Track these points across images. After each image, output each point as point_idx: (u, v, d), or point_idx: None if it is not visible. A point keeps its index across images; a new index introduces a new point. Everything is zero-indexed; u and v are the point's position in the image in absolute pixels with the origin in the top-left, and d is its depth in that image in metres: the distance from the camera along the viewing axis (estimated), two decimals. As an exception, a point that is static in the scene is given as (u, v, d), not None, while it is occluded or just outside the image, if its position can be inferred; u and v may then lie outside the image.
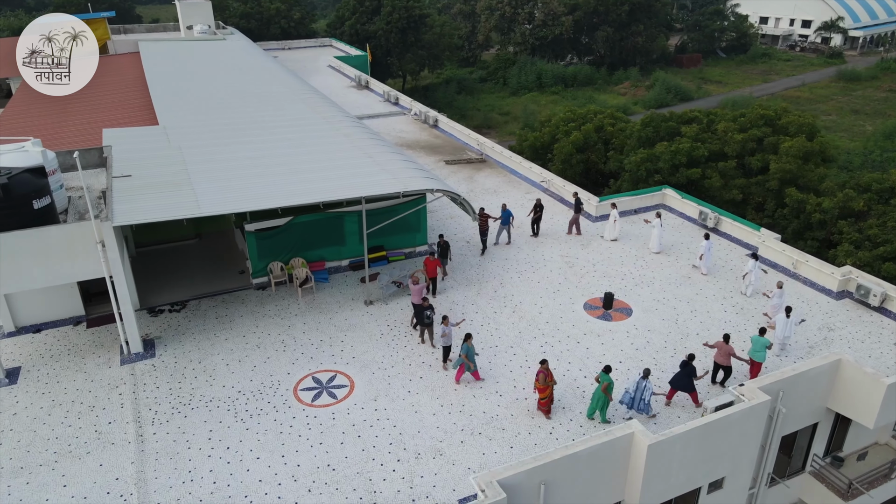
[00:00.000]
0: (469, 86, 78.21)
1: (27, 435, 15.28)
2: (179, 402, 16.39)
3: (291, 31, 64.77)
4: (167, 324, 19.65)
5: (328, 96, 44.44)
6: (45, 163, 17.86)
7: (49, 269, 16.51)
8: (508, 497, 13.03)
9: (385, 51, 64.81)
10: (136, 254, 24.03)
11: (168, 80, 33.18)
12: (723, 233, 25.33)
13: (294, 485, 14.03)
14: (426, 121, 39.60)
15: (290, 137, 24.33)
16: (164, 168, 20.56)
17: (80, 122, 28.54)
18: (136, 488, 13.85)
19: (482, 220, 23.18)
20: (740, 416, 15.10)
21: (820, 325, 19.75)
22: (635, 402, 16.21)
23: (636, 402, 16.19)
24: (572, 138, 34.73)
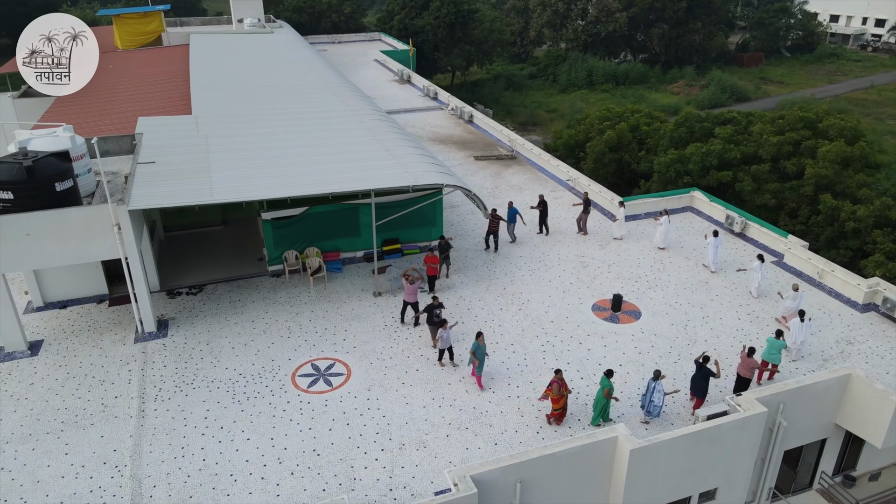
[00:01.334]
0: (518, 82, 77.73)
1: (39, 404, 16.20)
2: (183, 381, 17.05)
3: (342, 26, 65.77)
4: (183, 306, 20.42)
5: (370, 90, 45.19)
6: (73, 148, 18.76)
7: (69, 249, 17.43)
8: (483, 493, 13.12)
9: (433, 46, 65.05)
10: (165, 237, 25.06)
11: (209, 71, 34.29)
12: (749, 238, 24.54)
13: (278, 467, 14.44)
14: (461, 116, 39.66)
15: (314, 129, 24.83)
16: (188, 156, 21.32)
17: (124, 111, 29.73)
18: (131, 460, 14.53)
19: (493, 221, 23.06)
20: (733, 427, 14.70)
21: (839, 338, 18.94)
22: (645, 403, 15.96)
23: (646, 403, 15.95)
24: (605, 137, 34.15)
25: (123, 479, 14.03)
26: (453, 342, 17.78)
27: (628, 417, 15.95)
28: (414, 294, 18.99)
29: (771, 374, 17.35)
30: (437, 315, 18.07)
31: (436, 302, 18.24)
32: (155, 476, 14.15)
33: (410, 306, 19.23)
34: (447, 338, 17.33)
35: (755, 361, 16.65)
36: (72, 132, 19.39)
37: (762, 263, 20.70)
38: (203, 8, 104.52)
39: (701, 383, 16.20)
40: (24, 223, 16.70)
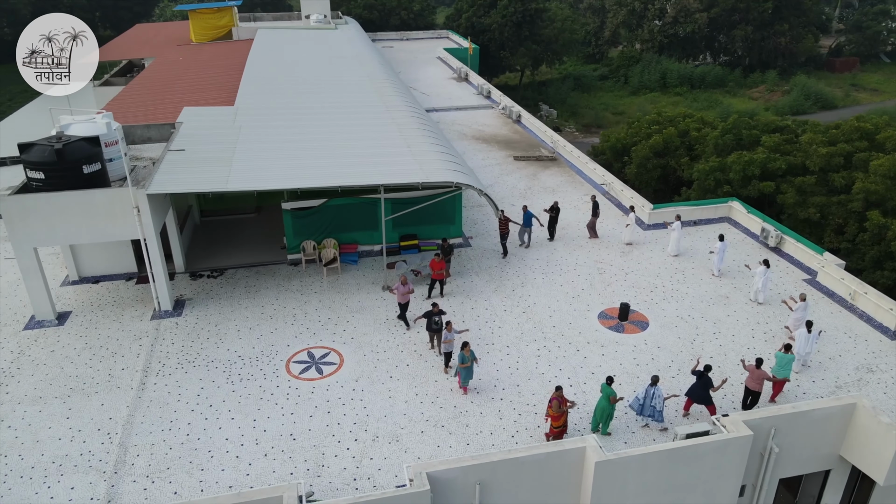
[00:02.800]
0: (587, 83, 76.28)
1: (55, 370, 17.47)
2: (186, 358, 17.94)
3: (411, 23, 66.55)
4: (202, 287, 21.44)
5: (427, 87, 45.71)
6: (107, 134, 19.98)
7: (93, 228, 18.67)
8: (440, 492, 13.19)
9: (499, 45, 64.80)
10: (201, 222, 26.32)
11: (263, 64, 35.62)
12: (784, 253, 23.28)
13: (254, 448, 14.99)
14: (510, 116, 39.43)
15: (344, 123, 25.41)
16: (216, 145, 22.31)
17: (181, 100, 31.31)
18: (122, 429, 15.45)
19: (502, 224, 22.84)
20: (713, 449, 14.09)
21: (860, 365, 17.73)
22: (644, 408, 15.60)
23: (645, 409, 15.59)
24: (651, 141, 33.08)
25: (112, 446, 14.95)
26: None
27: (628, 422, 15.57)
28: (406, 296, 18.84)
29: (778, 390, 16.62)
30: (437, 322, 17.77)
31: (435, 309, 17.97)
32: (140, 445, 15.00)
33: (400, 307, 19.14)
34: (452, 341, 17.03)
35: (765, 373, 15.94)
36: (110, 119, 20.69)
37: (767, 269, 19.84)
38: (289, 4, 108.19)
39: (700, 392, 15.75)
40: (52, 202, 18.04)
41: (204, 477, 14.21)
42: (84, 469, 14.35)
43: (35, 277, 18.91)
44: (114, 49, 49.41)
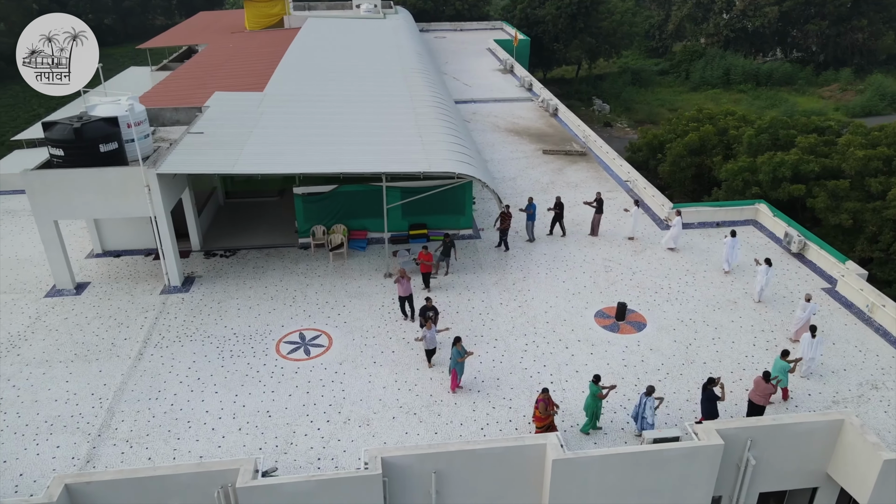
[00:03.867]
0: (646, 77, 74.20)
1: (64, 336, 18.55)
2: (184, 332, 18.70)
3: (465, 13, 66.35)
4: (213, 266, 22.24)
5: (470, 78, 45.64)
6: (131, 115, 20.91)
7: (107, 204, 19.66)
8: (395, 478, 13.42)
9: (552, 37, 63.78)
10: (225, 204, 27.24)
11: (303, 52, 36.38)
12: (807, 261, 22.19)
13: (231, 422, 15.53)
14: (548, 109, 38.90)
15: (364, 111, 25.73)
16: (235, 129, 23.00)
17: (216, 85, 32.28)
18: (113, 395, 16.29)
19: (505, 218, 22.55)
20: (680, 455, 13.70)
21: (864, 381, 16.78)
22: (638, 418, 15.30)
23: (638, 418, 15.28)
24: (687, 139, 31.94)
25: (100, 411, 15.79)
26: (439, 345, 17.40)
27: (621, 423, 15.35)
28: (407, 289, 18.85)
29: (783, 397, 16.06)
30: (429, 318, 17.50)
31: (429, 304, 17.89)
32: (126, 412, 15.79)
33: (406, 300, 19.15)
34: (431, 338, 16.92)
35: (772, 387, 15.31)
36: (134, 101, 21.66)
37: (769, 268, 19.19)
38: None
39: (706, 405, 15.28)
40: (70, 178, 19.10)
41: (178, 446, 14.84)
42: (72, 430, 15.23)
43: (55, 248, 20.09)
44: (174, 35, 51.55)
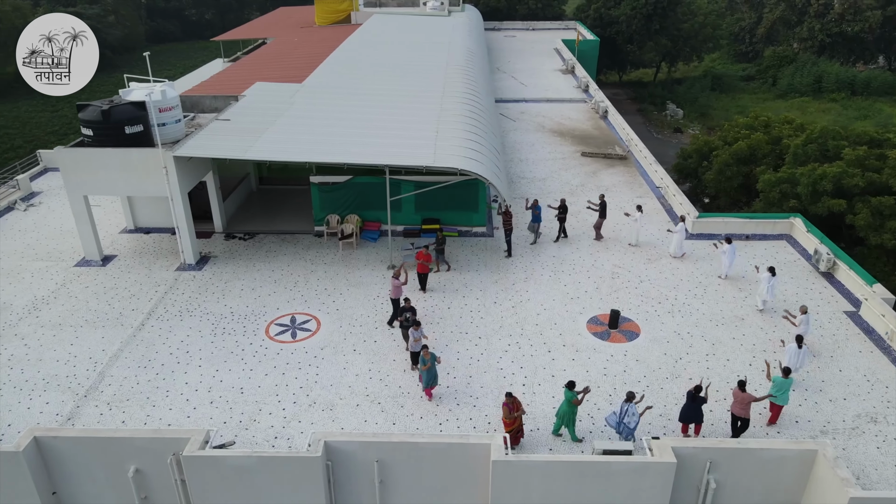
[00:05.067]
0: (728, 83, 70.82)
1: (81, 303, 19.94)
2: (186, 308, 19.68)
3: (538, 13, 65.64)
4: (229, 247, 23.24)
5: (528, 78, 45.33)
6: (163, 101, 22.16)
7: (129, 182, 20.96)
8: (338, 462, 13.59)
9: (626, 38, 62.03)
10: (258, 189, 28.35)
11: (356, 47, 37.23)
12: (835, 280, 20.68)
13: (206, 394, 16.24)
14: (598, 111, 37.97)
15: (392, 106, 26.07)
16: (261, 117, 23.89)
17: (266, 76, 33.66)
18: (108, 360, 17.39)
19: (506, 218, 22.18)
20: (628, 470, 13.14)
21: (863, 412, 15.50)
22: (620, 426, 14.95)
23: (620, 426, 14.92)
24: (735, 147, 30.27)
25: (92, 374, 16.91)
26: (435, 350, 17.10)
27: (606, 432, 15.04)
28: (398, 291, 18.39)
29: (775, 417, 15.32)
30: (408, 319, 17.23)
31: (407, 305, 17.71)
32: (114, 376, 16.83)
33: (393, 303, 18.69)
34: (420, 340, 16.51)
35: (750, 396, 14.66)
36: (168, 87, 22.92)
37: (772, 276, 18.37)
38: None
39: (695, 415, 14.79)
40: (96, 156, 20.49)
41: (152, 412, 15.69)
42: (63, 389, 16.40)
43: (84, 222, 21.61)
44: (248, 29, 54.02)
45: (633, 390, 15.07)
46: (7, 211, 26.26)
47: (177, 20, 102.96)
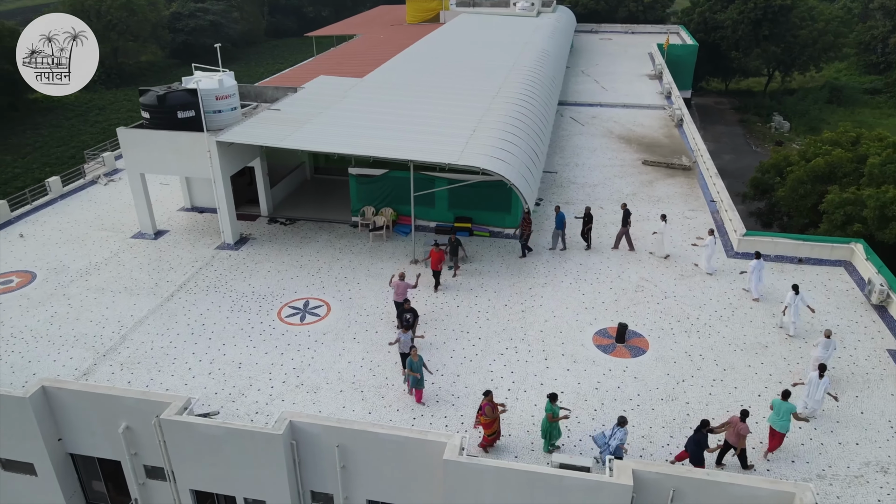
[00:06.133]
0: (849, 96, 65.39)
1: (123, 271, 21.64)
2: (214, 285, 20.87)
3: (639, 15, 63.42)
4: (269, 231, 24.36)
5: (611, 81, 44.21)
6: (219, 89, 23.54)
7: (178, 163, 22.49)
8: (306, 443, 14.05)
9: (731, 44, 58.57)
10: (312, 178, 29.47)
11: (431, 45, 37.78)
12: (888, 315, 18.73)
13: (207, 366, 17.18)
14: (673, 119, 36.28)
15: (441, 103, 26.32)
16: (310, 109, 24.85)
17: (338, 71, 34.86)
18: (133, 325, 18.80)
19: (525, 223, 21.70)
20: (581, 487, 12.64)
21: (873, 460, 14.03)
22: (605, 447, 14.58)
23: (605, 447, 14.56)
24: (812, 164, 27.86)
25: (115, 336, 18.35)
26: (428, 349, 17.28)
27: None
28: (402, 293, 18.29)
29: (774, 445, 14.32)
30: (407, 320, 17.23)
31: (407, 306, 17.62)
32: (133, 340, 18.18)
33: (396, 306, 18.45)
34: (405, 342, 16.30)
35: (745, 427, 13.76)
36: (227, 77, 24.32)
37: (796, 295, 17.30)
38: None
39: (693, 448, 14.06)
40: (150, 137, 22.16)
41: (156, 377, 16.82)
42: (87, 347, 17.92)
43: (140, 197, 23.43)
44: (342, 26, 56.05)
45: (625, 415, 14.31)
46: (91, 184, 28.92)
47: (295, 16, 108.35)
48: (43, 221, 25.30)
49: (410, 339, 16.41)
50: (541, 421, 14.68)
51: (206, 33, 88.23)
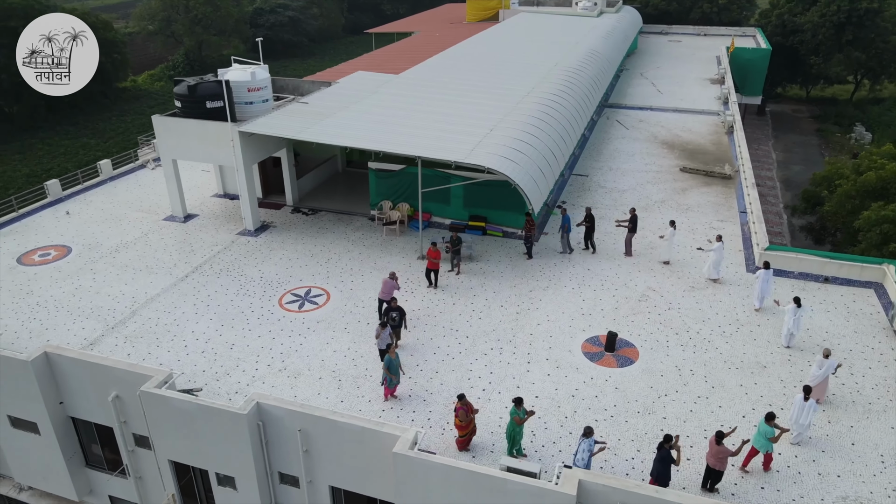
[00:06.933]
0: (944, 107, 60.42)
1: (148, 251, 22.87)
2: (226, 268, 21.75)
3: (713, 17, 60.87)
4: (291, 220, 25.12)
5: (669, 85, 42.89)
6: (251, 82, 24.54)
7: (206, 151, 23.55)
8: (272, 424, 14.48)
9: (811, 48, 55.29)
10: (344, 171, 30.12)
11: (478, 43, 37.76)
12: (909, 344, 17.38)
13: (202, 345, 17.95)
14: (725, 126, 34.75)
15: (469, 101, 26.34)
16: (337, 103, 25.42)
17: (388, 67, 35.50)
18: (146, 301, 19.87)
19: (529, 225, 21.34)
20: (523, 492, 12.47)
21: (850, 494, 13.08)
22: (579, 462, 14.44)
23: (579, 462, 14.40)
24: (864, 178, 25.98)
25: (126, 311, 19.45)
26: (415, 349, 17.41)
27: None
28: (388, 292, 18.41)
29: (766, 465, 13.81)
30: (393, 318, 17.39)
31: (393, 304, 17.77)
32: (143, 316, 19.22)
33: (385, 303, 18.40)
34: (385, 338, 16.50)
35: (726, 449, 13.28)
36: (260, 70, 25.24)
37: (797, 308, 16.56)
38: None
39: (658, 466, 13.69)
40: (181, 125, 23.32)
41: (153, 351, 17.74)
42: (99, 319, 19.09)
43: (172, 182, 24.67)
44: (404, 23, 56.78)
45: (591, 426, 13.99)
46: (140, 168, 30.68)
47: (372, 13, 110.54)
48: (89, 201, 27.07)
49: (389, 336, 16.56)
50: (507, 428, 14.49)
51: (285, 29, 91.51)
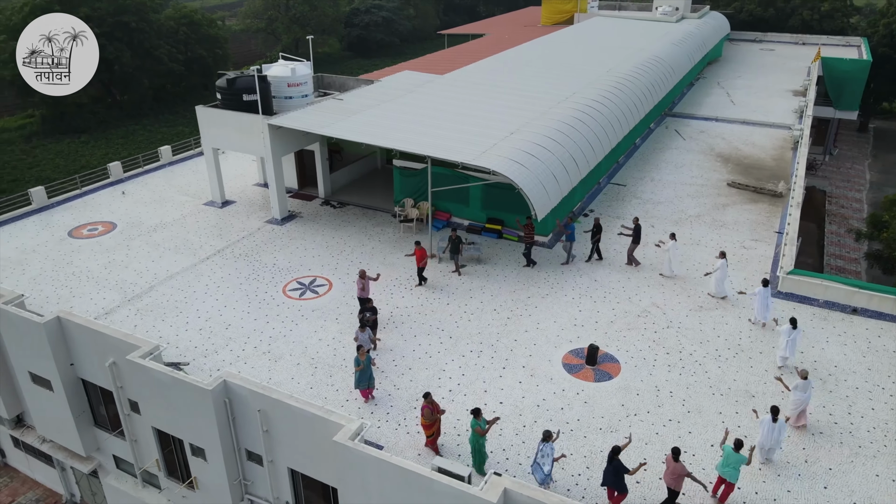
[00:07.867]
0: None
1: (182, 233, 24.34)
2: (245, 254, 22.79)
3: (814, 25, 56.87)
4: (319, 212, 25.95)
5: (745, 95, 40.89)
6: (291, 77, 25.68)
7: (241, 141, 24.78)
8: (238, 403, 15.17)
9: (919, 61, 50.52)
10: (381, 168, 30.70)
11: (537, 46, 37.37)
12: (926, 386, 15.75)
13: (203, 323, 18.96)
14: (790, 141, 32.57)
15: (501, 104, 26.26)
16: (371, 101, 26.01)
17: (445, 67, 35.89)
18: (164, 278, 21.20)
19: (528, 231, 20.92)
20: (448, 493, 12.43)
21: (807, 543, 12.07)
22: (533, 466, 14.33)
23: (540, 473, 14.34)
24: (927, 203, 23.55)
25: (145, 286, 20.83)
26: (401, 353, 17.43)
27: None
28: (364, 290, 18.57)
29: (725, 494, 13.21)
30: (368, 318, 17.55)
31: (370, 304, 18.04)
32: (158, 291, 20.53)
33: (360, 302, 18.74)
34: (365, 339, 16.50)
35: (682, 467, 12.85)
36: (301, 66, 26.30)
37: (793, 329, 15.82)
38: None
39: (611, 477, 13.41)
40: (219, 116, 24.67)
41: (156, 324, 18.93)
42: (121, 292, 20.56)
43: (212, 170, 26.14)
44: (477, 25, 57.07)
45: (550, 429, 13.79)
46: (199, 155, 32.63)
47: (467, 15, 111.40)
48: (145, 183, 29.13)
49: (368, 340, 16.70)
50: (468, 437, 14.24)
51: (378, 28, 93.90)
